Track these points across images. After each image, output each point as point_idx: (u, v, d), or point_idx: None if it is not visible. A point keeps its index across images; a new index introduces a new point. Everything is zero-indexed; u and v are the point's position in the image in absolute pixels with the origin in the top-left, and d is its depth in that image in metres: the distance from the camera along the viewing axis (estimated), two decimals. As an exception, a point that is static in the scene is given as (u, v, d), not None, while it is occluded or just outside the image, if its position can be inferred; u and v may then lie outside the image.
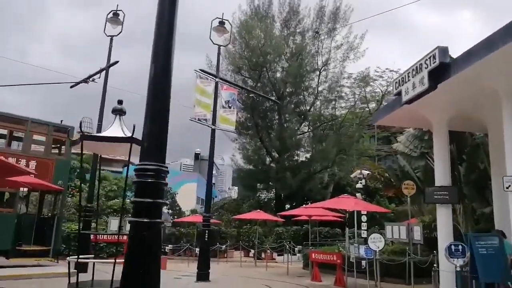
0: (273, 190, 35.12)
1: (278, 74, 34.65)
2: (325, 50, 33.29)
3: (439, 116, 10.98)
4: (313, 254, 13.35)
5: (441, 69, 8.93)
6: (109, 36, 14.96)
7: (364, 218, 16.02)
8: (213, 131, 14.04)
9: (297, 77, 32.48)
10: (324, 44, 33.27)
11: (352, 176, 16.78)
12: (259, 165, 33.44)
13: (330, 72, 33.46)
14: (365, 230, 16.18)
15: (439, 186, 10.59)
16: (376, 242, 9.78)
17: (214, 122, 14.12)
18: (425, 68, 9.34)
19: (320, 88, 33.53)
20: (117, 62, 15.24)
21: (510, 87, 8.49)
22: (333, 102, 33.86)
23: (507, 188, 8.12)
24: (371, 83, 33.84)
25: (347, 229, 13.58)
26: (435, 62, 8.97)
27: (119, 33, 15.00)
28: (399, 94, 10.68)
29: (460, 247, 7.51)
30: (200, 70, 14.21)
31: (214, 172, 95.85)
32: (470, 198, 13.61)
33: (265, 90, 34.16)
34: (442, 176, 10.73)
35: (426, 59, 9.29)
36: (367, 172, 16.06)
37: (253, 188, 37.19)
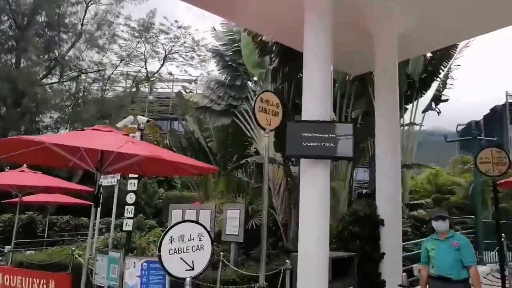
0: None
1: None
2: (98, -22, 24.65)
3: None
4: (5, 277, 5.56)
5: None
6: None
7: (131, 198, 9.08)
8: None
9: (54, 5, 22.89)
10: (98, -31, 24.60)
11: (120, 124, 9.46)
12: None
13: (101, 9, 25.04)
14: (130, 218, 9.24)
15: (320, 121, 4.89)
16: (188, 253, 3.03)
17: None
18: None
19: (85, 28, 24.58)
20: None
21: None
22: (103, 52, 25.39)
23: None
24: (154, 39, 27.09)
25: (95, 215, 6.22)
26: None
27: None
28: None
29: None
30: None
31: None
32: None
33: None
34: (320, 104, 5.10)
35: None
36: (146, 119, 9.27)
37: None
